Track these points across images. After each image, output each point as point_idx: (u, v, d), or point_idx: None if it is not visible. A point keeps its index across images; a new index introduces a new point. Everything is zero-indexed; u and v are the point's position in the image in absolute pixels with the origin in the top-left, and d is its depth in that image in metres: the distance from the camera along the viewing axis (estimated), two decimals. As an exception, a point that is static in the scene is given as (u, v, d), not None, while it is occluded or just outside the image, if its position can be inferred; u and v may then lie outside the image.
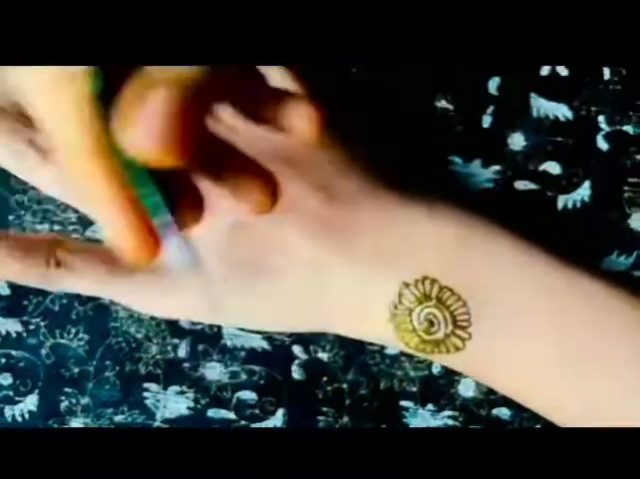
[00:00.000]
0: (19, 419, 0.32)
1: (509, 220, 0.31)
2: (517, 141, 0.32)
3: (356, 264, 0.28)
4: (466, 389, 0.32)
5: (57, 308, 0.32)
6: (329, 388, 0.32)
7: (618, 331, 0.27)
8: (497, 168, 0.32)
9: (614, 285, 0.28)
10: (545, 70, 0.32)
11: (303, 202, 0.29)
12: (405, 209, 0.29)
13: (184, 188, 0.22)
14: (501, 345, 0.28)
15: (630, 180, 0.32)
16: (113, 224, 0.19)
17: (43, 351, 0.32)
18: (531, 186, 0.32)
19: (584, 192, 0.32)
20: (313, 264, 0.29)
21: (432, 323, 0.28)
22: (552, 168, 0.32)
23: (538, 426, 0.32)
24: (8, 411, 0.32)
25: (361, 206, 0.29)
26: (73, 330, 0.32)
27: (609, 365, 0.27)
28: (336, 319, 0.29)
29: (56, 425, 0.32)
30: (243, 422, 0.32)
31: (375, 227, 0.28)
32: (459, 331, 0.28)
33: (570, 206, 0.32)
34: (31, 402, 0.32)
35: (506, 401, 0.31)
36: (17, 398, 0.32)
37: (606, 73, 0.32)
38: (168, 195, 0.21)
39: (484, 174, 0.32)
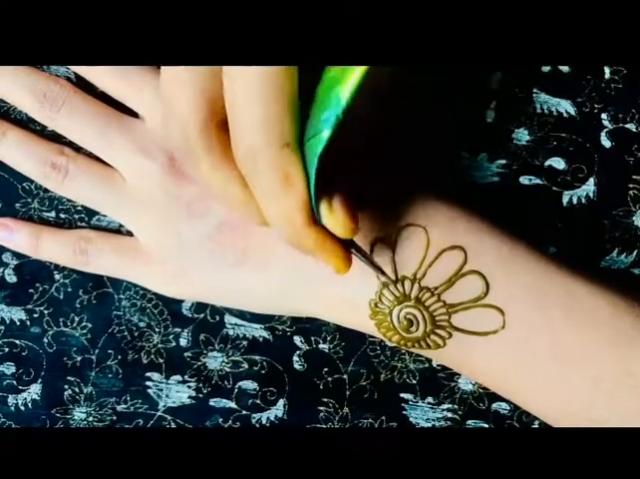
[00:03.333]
0: (22, 408, 0.32)
1: (514, 214, 0.32)
2: (522, 136, 0.32)
3: None
4: (465, 383, 0.32)
5: (61, 297, 0.32)
6: (330, 379, 0.32)
7: (601, 334, 0.27)
8: (503, 162, 0.32)
9: (605, 291, 0.28)
10: (547, 67, 0.32)
11: None
12: (395, 211, 0.29)
13: None
14: (481, 344, 0.28)
15: (634, 177, 0.32)
16: None
17: (45, 340, 0.32)
18: (537, 181, 0.32)
19: (589, 188, 0.32)
20: (295, 260, 0.29)
21: (411, 323, 0.28)
22: (557, 163, 0.32)
23: (536, 426, 0.32)
24: (11, 400, 0.32)
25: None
26: (76, 319, 0.32)
27: (590, 367, 0.27)
28: (320, 312, 0.30)
29: (59, 414, 0.32)
30: (244, 412, 0.32)
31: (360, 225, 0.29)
32: (438, 331, 0.28)
33: (575, 201, 0.32)
34: (34, 391, 0.32)
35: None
36: (20, 387, 0.32)
37: (607, 72, 0.32)
38: None
39: (490, 168, 0.32)
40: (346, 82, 0.21)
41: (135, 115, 0.31)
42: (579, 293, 0.28)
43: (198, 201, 0.30)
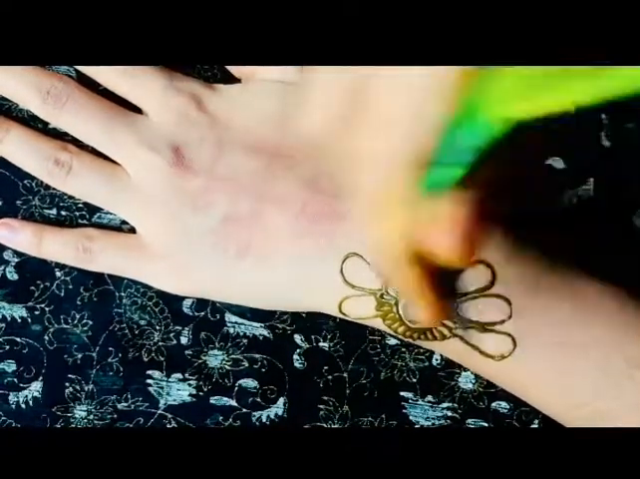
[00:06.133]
0: (23, 406, 0.32)
1: (514, 213, 0.32)
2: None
3: (342, 256, 0.29)
4: (465, 382, 0.32)
5: (62, 294, 0.32)
6: (330, 377, 0.32)
7: (607, 326, 0.27)
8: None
9: (607, 282, 0.28)
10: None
11: (293, 195, 0.29)
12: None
13: None
14: (487, 334, 0.28)
15: (634, 178, 0.32)
16: None
17: (46, 337, 0.32)
18: (536, 180, 0.32)
19: (588, 188, 0.32)
20: (298, 254, 0.29)
21: None
22: (557, 163, 0.32)
23: (536, 426, 0.32)
24: (12, 398, 0.32)
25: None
26: (77, 316, 0.32)
27: (595, 359, 0.27)
28: (323, 306, 0.30)
29: (59, 412, 0.32)
30: (245, 410, 0.32)
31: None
32: (445, 321, 0.28)
33: (575, 201, 0.32)
34: (35, 389, 0.32)
35: (506, 394, 0.31)
36: (21, 385, 0.32)
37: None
38: None
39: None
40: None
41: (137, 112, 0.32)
42: (585, 285, 0.28)
43: (203, 194, 0.30)
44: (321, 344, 0.32)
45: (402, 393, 0.32)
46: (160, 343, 0.32)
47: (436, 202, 0.21)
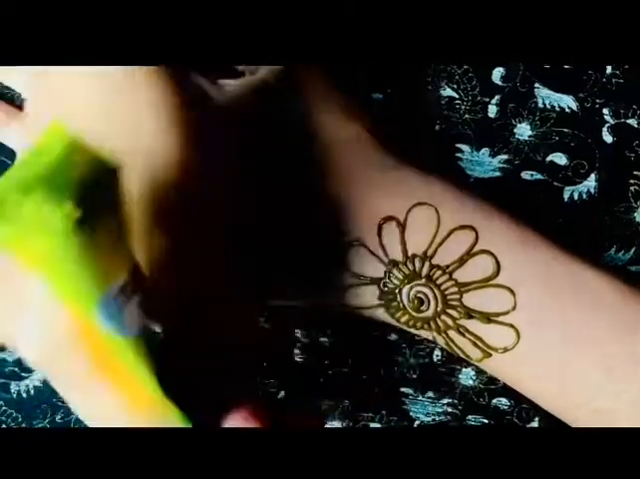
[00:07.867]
0: (24, 395, 0.32)
1: (516, 209, 0.32)
2: (524, 131, 0.32)
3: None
4: (466, 378, 0.32)
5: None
6: (330, 373, 0.32)
7: (610, 319, 0.27)
8: (505, 157, 0.32)
9: (610, 277, 0.28)
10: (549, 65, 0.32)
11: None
12: (398, 189, 0.28)
13: None
14: (492, 326, 0.28)
15: (636, 173, 0.32)
16: None
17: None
18: (538, 176, 0.32)
19: (590, 184, 0.32)
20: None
21: (421, 302, 0.28)
22: (559, 159, 0.32)
23: (535, 425, 0.32)
24: (14, 387, 0.32)
25: (354, 183, 0.29)
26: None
27: (599, 354, 0.27)
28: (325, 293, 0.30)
29: (60, 403, 0.32)
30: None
31: (367, 205, 0.28)
32: (449, 310, 0.28)
33: (576, 197, 0.32)
34: (37, 378, 0.32)
35: (506, 391, 0.31)
36: (23, 374, 0.32)
37: (608, 67, 0.32)
38: None
39: (492, 163, 0.32)
40: None
41: None
42: (587, 278, 0.27)
43: None
44: (321, 339, 0.32)
45: (402, 389, 0.32)
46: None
47: None
